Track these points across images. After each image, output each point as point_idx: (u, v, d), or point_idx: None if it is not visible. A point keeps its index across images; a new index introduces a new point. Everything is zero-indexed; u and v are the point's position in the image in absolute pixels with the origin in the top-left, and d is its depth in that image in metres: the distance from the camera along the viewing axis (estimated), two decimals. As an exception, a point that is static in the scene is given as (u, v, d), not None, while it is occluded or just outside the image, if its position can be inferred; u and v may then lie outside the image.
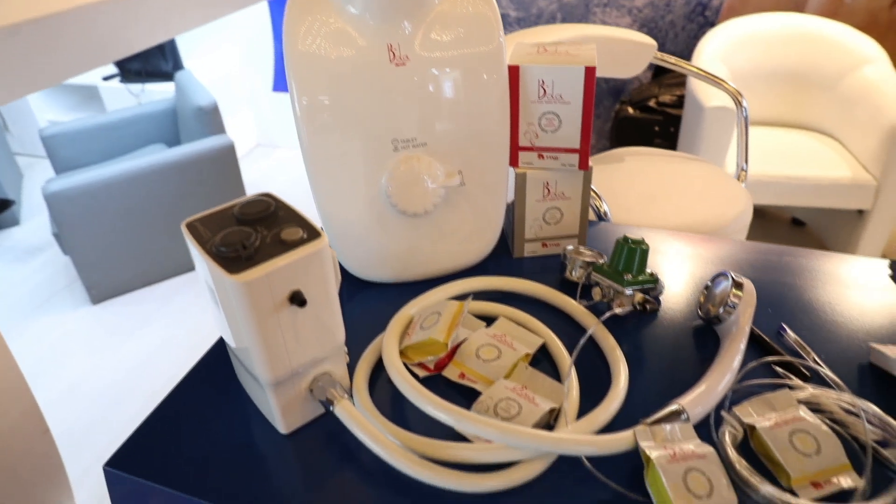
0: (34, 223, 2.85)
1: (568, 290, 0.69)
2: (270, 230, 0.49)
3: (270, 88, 3.25)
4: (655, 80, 2.42)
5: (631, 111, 2.32)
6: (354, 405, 0.52)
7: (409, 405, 0.52)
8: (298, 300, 0.47)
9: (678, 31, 2.46)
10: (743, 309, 0.61)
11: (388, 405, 0.56)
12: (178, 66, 3.02)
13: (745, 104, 1.39)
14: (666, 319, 0.66)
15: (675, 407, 0.51)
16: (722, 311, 0.61)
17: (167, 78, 3.02)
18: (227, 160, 2.29)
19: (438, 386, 0.58)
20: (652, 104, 2.28)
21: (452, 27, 0.64)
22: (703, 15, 2.41)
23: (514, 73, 0.68)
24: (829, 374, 0.57)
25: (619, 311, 0.63)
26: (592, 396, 0.55)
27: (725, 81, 1.38)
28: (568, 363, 0.58)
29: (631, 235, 0.65)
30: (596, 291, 0.65)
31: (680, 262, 0.76)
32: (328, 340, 0.52)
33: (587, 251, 0.70)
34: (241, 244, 0.46)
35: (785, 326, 0.63)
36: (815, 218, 2.28)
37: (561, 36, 1.21)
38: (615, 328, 0.63)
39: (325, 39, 0.62)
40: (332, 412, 0.51)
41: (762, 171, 1.88)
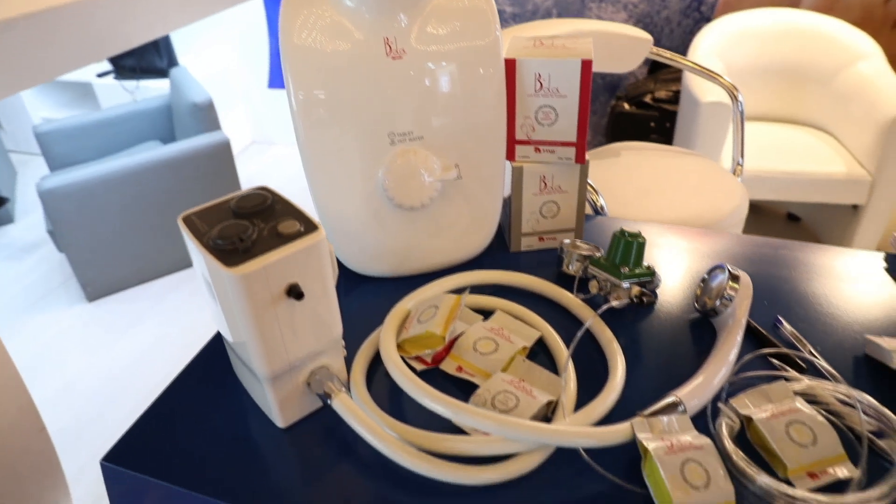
0: (29, 221, 2.84)
1: (565, 283, 0.69)
2: (267, 223, 0.48)
3: (266, 85, 3.24)
4: (651, 75, 2.42)
5: (627, 107, 2.32)
6: (352, 398, 0.52)
7: (406, 398, 0.52)
8: (296, 293, 0.47)
9: (674, 26, 2.46)
10: (739, 301, 0.61)
11: (385, 399, 0.56)
12: (172, 62, 3.01)
13: (740, 99, 1.39)
14: (663, 312, 0.66)
15: (672, 399, 0.51)
16: (718, 303, 0.61)
17: (162, 75, 3.00)
18: (222, 157, 2.29)
19: (436, 379, 0.58)
20: (648, 100, 2.29)
21: (449, 21, 0.64)
22: (698, 10, 2.41)
23: (510, 66, 0.68)
24: (824, 365, 0.57)
25: (615, 304, 0.63)
26: (590, 389, 0.55)
27: (721, 76, 1.38)
28: (565, 356, 0.58)
29: (628, 229, 0.65)
30: (593, 285, 0.65)
31: (676, 255, 0.77)
32: (325, 334, 0.52)
33: (584, 245, 0.70)
34: (237, 237, 0.46)
35: (781, 319, 0.64)
36: (810, 213, 2.29)
37: (557, 31, 1.21)
38: (612, 321, 0.63)
39: (321, 33, 0.62)
40: (329, 406, 0.51)
41: (757, 166, 1.88)
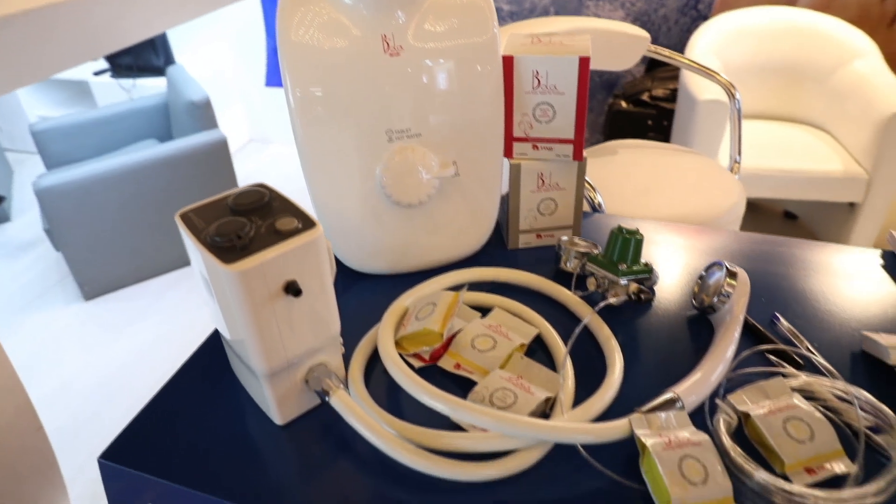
0: (25, 219, 2.83)
1: (563, 280, 0.69)
2: (265, 220, 0.48)
3: (263, 83, 3.23)
4: (648, 73, 2.42)
5: (624, 105, 2.32)
6: (350, 395, 0.52)
7: (404, 395, 0.52)
8: (294, 290, 0.46)
9: (671, 24, 2.46)
10: (737, 298, 0.61)
11: (383, 395, 0.56)
12: (169, 60, 3.00)
13: (738, 97, 1.39)
14: (660, 309, 0.67)
15: (670, 395, 0.52)
16: (716, 300, 0.61)
17: (158, 73, 3.00)
18: (219, 155, 2.28)
19: (434, 376, 0.58)
20: (645, 98, 2.29)
21: (446, 18, 0.64)
22: (695, 8, 2.41)
23: (508, 63, 0.68)
24: (822, 361, 0.57)
25: (613, 301, 0.63)
26: (588, 386, 0.55)
27: (719, 74, 1.39)
28: (563, 353, 0.58)
29: (625, 226, 0.65)
30: (591, 282, 0.65)
31: (674, 252, 0.77)
32: (323, 331, 0.52)
33: (582, 242, 0.70)
34: (235, 234, 0.46)
35: (778, 315, 0.64)
36: (807, 211, 2.29)
37: (554, 28, 1.21)
38: (610, 318, 0.63)
39: (318, 30, 0.62)
40: (327, 403, 0.51)
41: (755, 164, 1.89)
